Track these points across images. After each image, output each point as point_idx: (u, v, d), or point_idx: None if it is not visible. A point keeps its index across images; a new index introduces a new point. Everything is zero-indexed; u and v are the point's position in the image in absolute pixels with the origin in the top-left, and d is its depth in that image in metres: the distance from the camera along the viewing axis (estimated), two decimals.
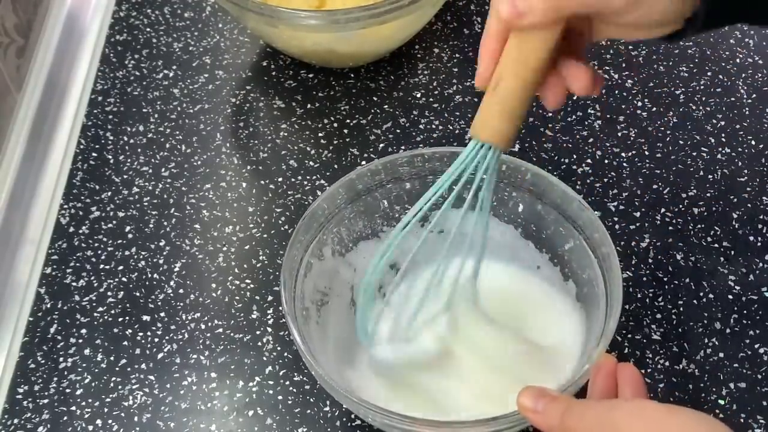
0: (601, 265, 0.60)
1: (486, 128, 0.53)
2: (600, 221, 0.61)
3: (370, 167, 0.66)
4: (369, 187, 0.66)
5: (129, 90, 0.84)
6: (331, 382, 0.55)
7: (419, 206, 0.56)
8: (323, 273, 0.65)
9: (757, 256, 0.71)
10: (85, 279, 0.72)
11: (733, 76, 0.83)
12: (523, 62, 0.51)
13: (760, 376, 0.65)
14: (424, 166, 0.66)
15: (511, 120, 0.52)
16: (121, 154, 0.80)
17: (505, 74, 0.52)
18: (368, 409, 0.54)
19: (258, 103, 0.84)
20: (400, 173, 0.66)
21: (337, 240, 0.66)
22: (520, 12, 0.49)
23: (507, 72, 0.52)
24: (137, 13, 0.91)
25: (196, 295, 0.71)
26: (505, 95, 0.52)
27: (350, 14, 0.74)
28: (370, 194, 0.66)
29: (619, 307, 0.57)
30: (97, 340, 0.69)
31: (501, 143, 0.53)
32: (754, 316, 0.68)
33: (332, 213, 0.65)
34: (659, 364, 0.66)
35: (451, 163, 0.55)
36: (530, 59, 0.51)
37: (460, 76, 0.84)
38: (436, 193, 0.56)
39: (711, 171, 0.77)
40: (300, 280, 0.62)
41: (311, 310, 0.62)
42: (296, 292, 0.61)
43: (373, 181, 0.66)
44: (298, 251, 0.62)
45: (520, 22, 0.49)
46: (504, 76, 0.52)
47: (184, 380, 0.66)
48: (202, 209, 0.76)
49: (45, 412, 0.65)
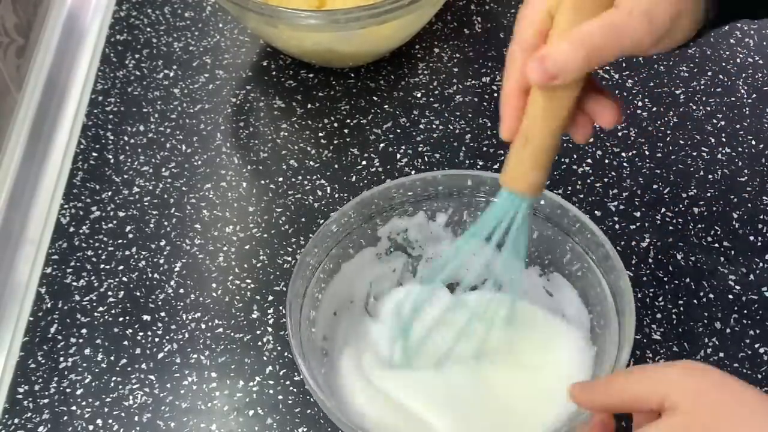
0: (614, 292, 0.60)
1: (520, 181, 0.53)
2: (615, 253, 0.61)
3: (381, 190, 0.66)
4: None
5: (129, 90, 0.84)
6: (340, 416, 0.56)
7: (453, 263, 0.59)
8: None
9: (757, 256, 0.71)
10: (86, 279, 0.72)
11: (733, 76, 0.83)
12: (552, 115, 0.51)
13: (760, 376, 0.65)
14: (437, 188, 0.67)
15: (543, 170, 0.53)
16: (121, 154, 0.80)
17: (535, 129, 0.51)
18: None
19: (258, 103, 0.84)
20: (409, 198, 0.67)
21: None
22: (552, 74, 0.47)
23: (536, 126, 0.51)
24: (137, 12, 0.91)
25: (196, 294, 0.71)
26: (536, 149, 0.52)
27: (350, 14, 0.74)
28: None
29: (631, 339, 0.57)
30: (98, 339, 0.69)
31: (536, 193, 0.54)
32: (754, 316, 0.68)
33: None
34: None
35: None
36: (559, 111, 0.51)
37: (460, 76, 0.84)
38: (468, 246, 0.58)
39: (711, 171, 0.77)
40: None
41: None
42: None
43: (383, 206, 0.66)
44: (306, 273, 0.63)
45: (552, 84, 0.48)
46: (534, 130, 0.51)
47: (185, 380, 0.66)
48: (202, 209, 0.76)
49: (45, 411, 0.65)
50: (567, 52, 0.47)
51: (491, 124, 0.80)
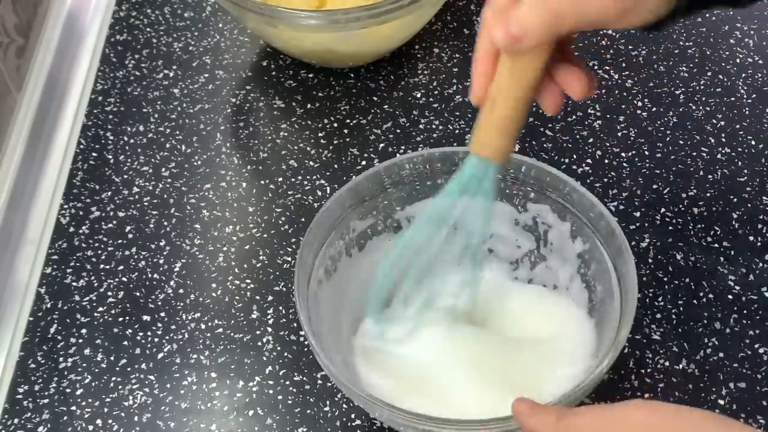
0: (618, 272, 0.60)
1: (486, 146, 0.54)
2: (619, 228, 0.61)
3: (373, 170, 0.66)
4: (373, 192, 0.66)
5: (129, 90, 0.84)
6: (341, 376, 0.56)
7: (427, 216, 0.59)
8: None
9: (757, 256, 0.71)
10: (85, 279, 0.72)
11: (733, 76, 0.83)
12: (518, 80, 0.51)
13: (760, 376, 0.65)
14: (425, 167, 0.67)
15: (509, 136, 0.53)
16: (121, 154, 0.80)
17: (501, 93, 0.52)
18: (376, 404, 0.55)
19: (258, 103, 0.84)
20: (402, 176, 0.67)
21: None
22: (516, 36, 0.48)
23: (503, 91, 0.52)
24: (137, 13, 0.91)
25: (196, 295, 0.71)
26: (502, 114, 0.52)
27: (350, 14, 0.74)
28: (374, 198, 0.66)
29: (632, 315, 0.57)
30: (98, 340, 0.69)
31: (501, 159, 0.54)
32: (754, 316, 0.68)
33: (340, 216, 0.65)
34: (659, 364, 0.66)
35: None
36: (525, 77, 0.51)
37: (460, 76, 0.84)
38: (440, 207, 0.58)
39: (711, 171, 0.77)
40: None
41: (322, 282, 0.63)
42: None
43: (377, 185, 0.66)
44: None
45: (515, 47, 0.49)
46: (500, 94, 0.52)
47: (184, 380, 0.66)
48: (202, 209, 0.76)
49: (45, 411, 0.65)
50: (530, 14, 0.48)
51: None
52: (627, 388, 0.64)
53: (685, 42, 0.85)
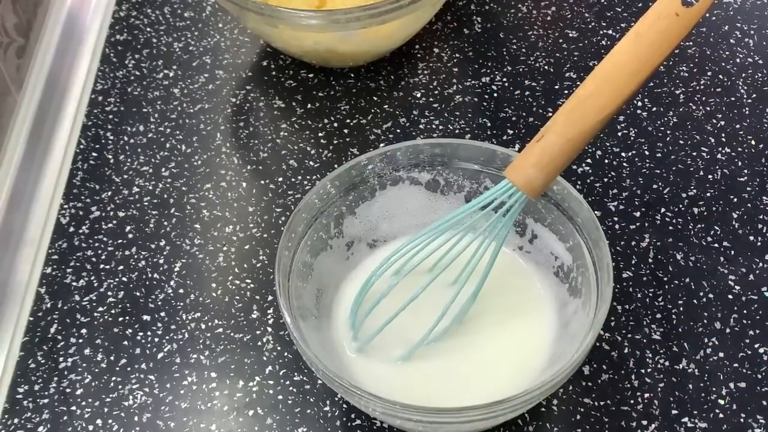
0: (589, 248, 0.60)
1: (519, 173, 0.54)
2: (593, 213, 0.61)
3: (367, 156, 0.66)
4: (364, 178, 0.66)
5: (129, 90, 0.84)
6: (330, 373, 0.56)
7: (435, 229, 0.59)
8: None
9: (757, 256, 0.71)
10: (85, 279, 0.72)
11: (733, 76, 0.83)
12: (572, 124, 0.51)
13: (760, 376, 0.65)
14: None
15: (545, 171, 0.53)
16: (121, 154, 0.80)
17: (552, 128, 0.52)
18: (369, 399, 0.55)
19: (258, 103, 0.84)
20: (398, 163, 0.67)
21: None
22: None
23: (553, 127, 0.52)
24: (137, 13, 0.91)
25: (196, 294, 0.71)
26: (545, 148, 0.52)
27: (350, 14, 0.74)
28: (363, 184, 0.66)
29: (609, 295, 0.57)
30: (97, 339, 0.69)
31: (529, 192, 0.54)
32: (754, 316, 0.68)
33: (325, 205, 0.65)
34: (659, 364, 0.66)
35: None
36: (583, 121, 0.51)
37: (460, 76, 0.84)
38: (454, 218, 0.58)
39: (711, 171, 0.77)
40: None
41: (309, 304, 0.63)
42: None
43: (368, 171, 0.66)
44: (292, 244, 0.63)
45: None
46: (550, 130, 0.52)
47: (184, 380, 0.67)
48: (202, 209, 0.76)
49: (45, 411, 0.65)
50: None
51: (491, 124, 0.80)
52: (627, 388, 0.64)
53: (685, 42, 0.85)
